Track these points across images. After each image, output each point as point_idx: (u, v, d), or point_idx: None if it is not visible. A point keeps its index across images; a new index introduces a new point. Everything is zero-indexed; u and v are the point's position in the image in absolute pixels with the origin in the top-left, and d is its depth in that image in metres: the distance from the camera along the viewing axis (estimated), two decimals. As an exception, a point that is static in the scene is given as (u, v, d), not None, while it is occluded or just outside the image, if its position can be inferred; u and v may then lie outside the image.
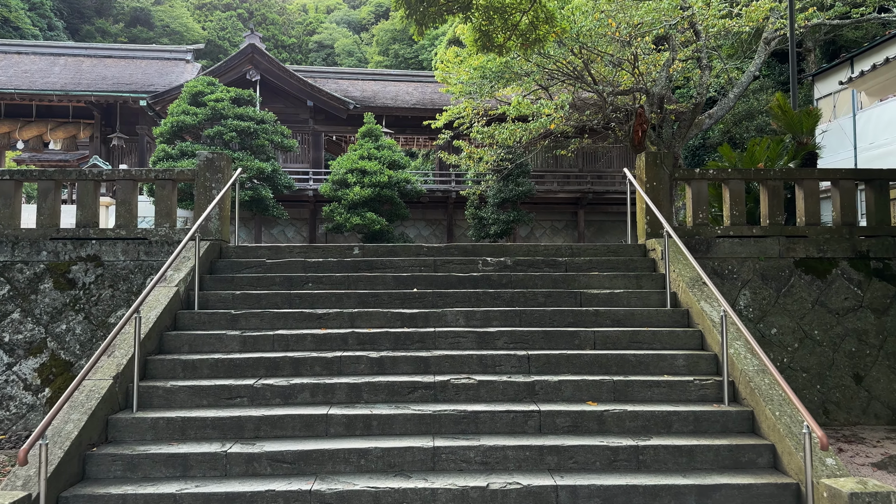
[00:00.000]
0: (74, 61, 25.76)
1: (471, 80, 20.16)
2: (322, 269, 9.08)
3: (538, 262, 9.16)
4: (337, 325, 8.00)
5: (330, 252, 9.52)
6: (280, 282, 8.75)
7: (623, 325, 8.05)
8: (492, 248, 9.57)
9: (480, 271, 9.04)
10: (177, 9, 51.99)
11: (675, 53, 20.13)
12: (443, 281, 8.75)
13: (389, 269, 9.09)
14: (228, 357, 7.30)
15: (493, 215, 21.43)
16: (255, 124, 20.82)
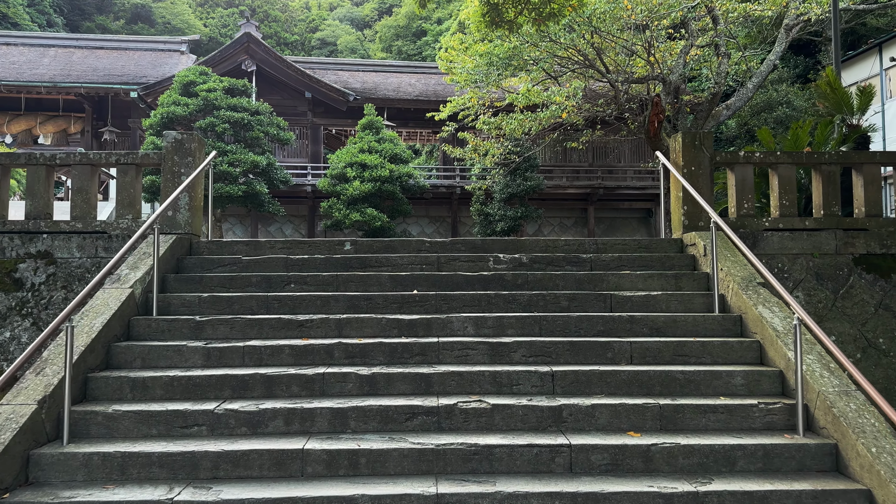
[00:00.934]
0: (65, 52, 24.39)
1: (476, 68, 18.73)
2: (307, 267, 7.66)
3: (558, 260, 7.73)
4: (321, 335, 6.58)
5: (317, 248, 8.10)
6: (257, 282, 7.34)
7: (664, 335, 6.62)
8: (504, 244, 8.14)
9: (492, 270, 7.62)
10: (178, 5, 50.62)
11: (693, 39, 18.68)
12: (448, 281, 7.33)
13: (386, 267, 7.67)
14: (188, 374, 5.88)
15: (499, 211, 20.02)
16: (250, 115, 19.42)
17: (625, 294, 7.08)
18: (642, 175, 23.40)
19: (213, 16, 52.65)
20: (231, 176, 18.68)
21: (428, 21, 48.64)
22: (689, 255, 7.92)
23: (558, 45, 17.59)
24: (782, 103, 21.82)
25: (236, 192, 18.58)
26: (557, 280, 7.35)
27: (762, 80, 20.59)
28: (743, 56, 20.71)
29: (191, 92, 19.52)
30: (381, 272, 7.47)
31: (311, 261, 7.68)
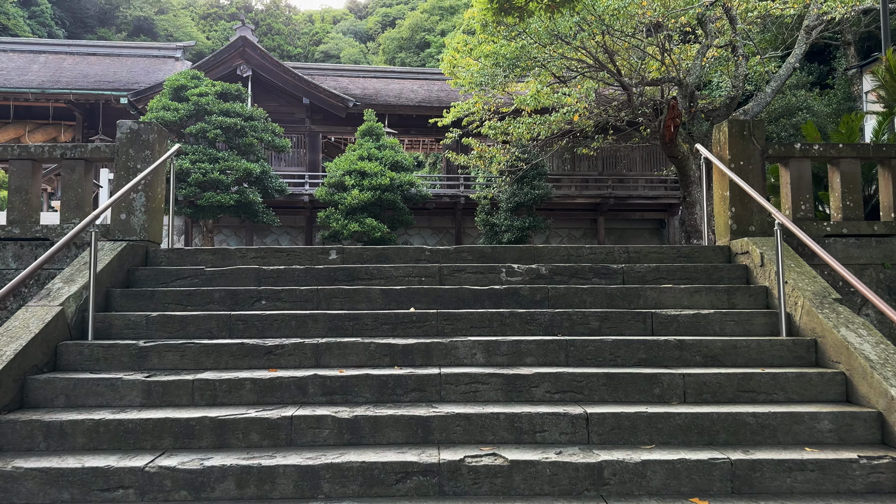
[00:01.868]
0: (55, 59, 23.17)
1: (482, 70, 17.42)
2: (283, 279, 6.28)
3: (584, 271, 6.34)
4: (294, 364, 5.20)
5: (297, 257, 6.72)
6: (220, 299, 5.96)
7: (722, 364, 5.23)
8: (518, 252, 6.75)
9: (504, 283, 6.24)
10: (181, 18, 49.60)
11: (710, 39, 17.35)
12: (452, 297, 5.95)
13: (377, 280, 6.29)
14: (120, 417, 4.49)
15: (506, 221, 18.65)
16: (243, 121, 18.12)
17: (668, 313, 5.68)
18: (654, 184, 22.04)
19: (217, 28, 51.60)
20: (223, 184, 17.36)
21: (431, 33, 47.53)
22: (740, 265, 6.51)
23: (568, 46, 16.28)
24: (802, 108, 20.46)
25: (228, 201, 17.25)
26: (584, 295, 5.95)
27: (781, 83, 19.24)
28: (761, 59, 19.38)
29: (181, 97, 18.24)
30: (371, 286, 6.09)
31: (287, 272, 6.30)
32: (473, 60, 17.90)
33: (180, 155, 17.41)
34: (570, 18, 15.39)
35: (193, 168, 17.19)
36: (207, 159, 17.45)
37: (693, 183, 18.15)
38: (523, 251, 6.73)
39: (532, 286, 5.99)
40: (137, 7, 48.17)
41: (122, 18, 47.29)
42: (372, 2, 64.71)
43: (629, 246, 6.85)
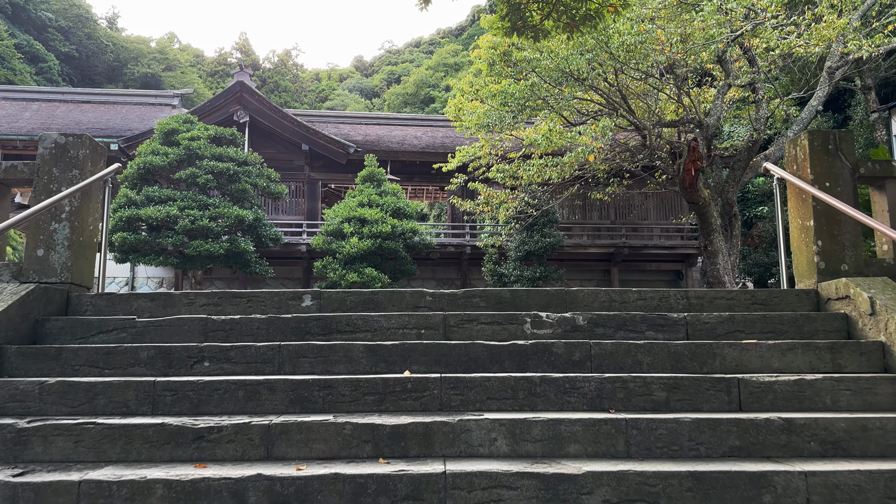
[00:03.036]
0: (48, 107, 22.01)
1: (488, 111, 16.10)
2: (237, 333, 4.67)
3: (634, 321, 4.72)
4: (234, 455, 3.56)
5: (260, 303, 5.11)
6: (150, 359, 4.35)
7: (851, 454, 3.56)
8: (545, 297, 5.14)
9: (530, 337, 4.62)
10: (188, 75, 49.08)
11: (731, 78, 16.05)
12: (461, 356, 4.32)
13: (363, 332, 4.67)
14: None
15: (515, 271, 17.06)
16: (237, 166, 16.74)
17: (759, 379, 4.03)
18: (670, 233, 20.50)
19: (223, 85, 51.00)
20: (213, 232, 15.87)
21: (436, 89, 46.85)
22: (837, 314, 4.87)
23: (580, 84, 14.97)
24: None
25: (218, 250, 15.73)
26: (640, 354, 4.32)
27: (803, 127, 17.87)
28: (781, 101, 18.04)
29: (172, 141, 16.91)
30: (353, 341, 4.48)
31: (244, 324, 4.69)
32: (480, 103, 16.61)
33: (167, 201, 16.00)
34: (581, 57, 14.12)
35: (182, 215, 15.74)
36: (197, 206, 16.01)
37: (714, 231, 16.60)
38: (551, 296, 5.12)
39: (568, 342, 4.35)
40: (145, 64, 47.71)
41: (130, 75, 46.75)
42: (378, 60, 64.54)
43: (688, 290, 5.23)
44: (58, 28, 43.94)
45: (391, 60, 61.01)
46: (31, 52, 40.88)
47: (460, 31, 59.63)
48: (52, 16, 43.73)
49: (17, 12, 41.63)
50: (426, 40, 62.61)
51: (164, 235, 15.75)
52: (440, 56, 50.36)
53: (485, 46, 15.91)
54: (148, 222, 15.84)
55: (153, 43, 53.14)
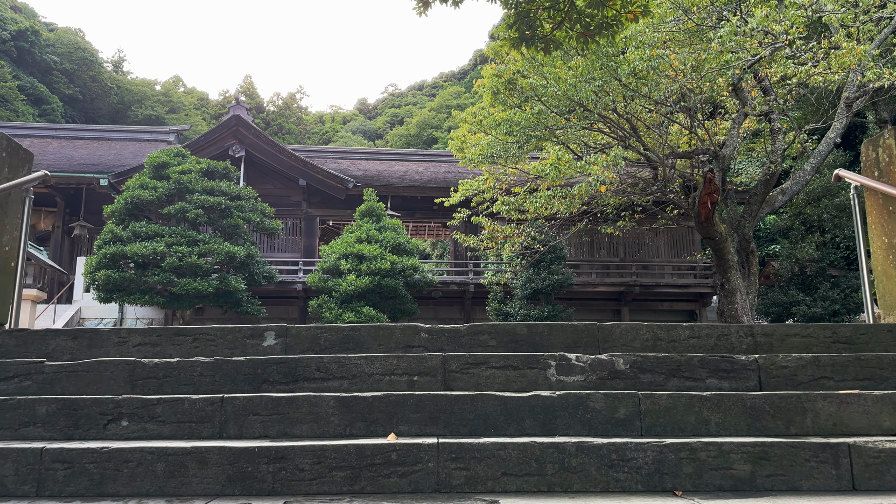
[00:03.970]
0: (40, 143, 21.17)
1: (493, 141, 15.15)
2: (173, 381, 3.54)
3: (690, 365, 3.59)
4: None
5: (210, 342, 3.98)
6: (49, 417, 3.21)
7: None
8: (572, 333, 4.00)
9: (557, 386, 3.49)
10: (192, 117, 48.60)
11: (748, 107, 15.12)
12: (465, 413, 3.18)
13: (337, 380, 3.54)
14: None
15: (521, 311, 15.92)
16: (229, 200, 15.75)
17: (874, 444, 2.89)
18: (682, 271, 19.37)
19: (227, 127, 50.66)
20: (202, 270, 14.80)
21: (438, 129, 46.30)
22: (951, 354, 3.75)
23: (588, 112, 14.03)
24: (844, 188, 18.01)
25: (206, 288, 14.63)
26: (705, 410, 3.18)
27: (821, 160, 16.88)
28: (797, 134, 17.06)
29: (162, 175, 15.95)
30: (323, 391, 3.35)
31: (183, 369, 3.57)
32: (483, 134, 15.68)
33: (154, 237, 14.96)
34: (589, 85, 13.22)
35: (169, 251, 14.69)
36: (186, 242, 14.97)
37: (731, 268, 15.47)
38: (580, 332, 3.99)
39: (608, 393, 3.21)
40: (149, 107, 47.29)
41: (134, 118, 46.25)
42: (381, 103, 64.29)
43: (753, 326, 4.10)
44: (62, 70, 43.59)
45: (394, 103, 60.70)
46: (35, 94, 40.43)
47: (462, 74, 59.45)
48: (57, 58, 43.43)
49: (22, 55, 41.31)
50: (429, 83, 62.43)
51: (150, 273, 14.67)
52: (443, 98, 49.94)
53: (488, 75, 15.04)
54: (134, 259, 14.78)
55: (158, 86, 52.87)
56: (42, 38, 43.17)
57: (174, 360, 3.58)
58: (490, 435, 3.04)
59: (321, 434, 3.10)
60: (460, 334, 3.96)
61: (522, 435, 3.06)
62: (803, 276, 17.74)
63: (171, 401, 3.19)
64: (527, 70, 14.37)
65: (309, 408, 3.16)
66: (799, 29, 12.21)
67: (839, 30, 14.52)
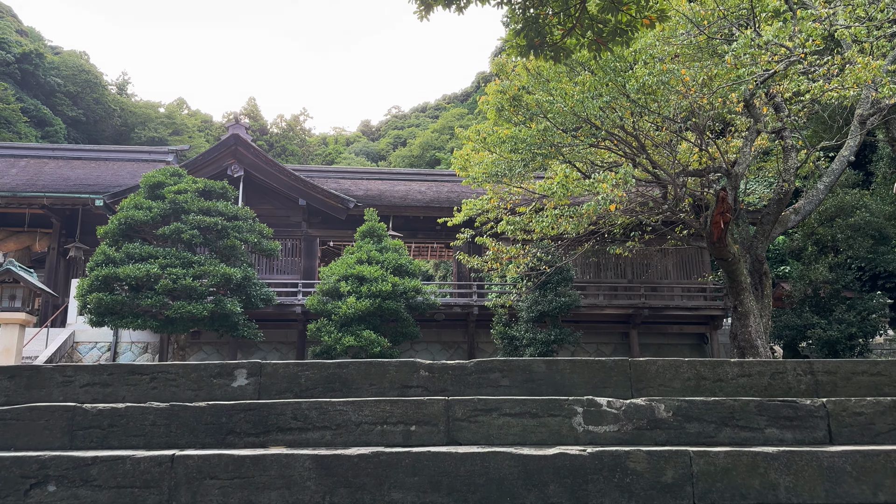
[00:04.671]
0: (36, 163, 20.68)
1: (497, 159, 14.59)
2: (119, 431, 2.91)
3: (746, 412, 2.95)
4: None
5: (171, 382, 3.32)
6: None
7: None
8: (600, 371, 3.35)
9: (585, 439, 2.85)
10: (196, 139, 48.25)
11: (761, 123, 14.55)
12: (473, 476, 2.54)
13: (317, 430, 2.91)
14: None
15: (527, 334, 15.25)
16: (226, 220, 15.17)
17: None
18: (693, 293, 18.70)
19: (230, 148, 50.36)
20: (196, 292, 14.17)
21: (441, 150, 45.91)
22: None
23: (596, 129, 13.47)
24: (858, 207, 17.39)
25: (201, 311, 14.00)
26: (772, 471, 2.53)
27: (835, 179, 16.27)
28: (810, 152, 16.47)
29: (157, 195, 15.39)
30: (299, 447, 2.71)
31: (132, 417, 2.93)
32: (487, 152, 15.11)
33: (148, 259, 14.37)
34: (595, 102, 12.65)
35: (163, 273, 14.08)
36: (180, 263, 14.35)
37: (744, 290, 14.80)
38: (608, 370, 3.35)
39: (651, 451, 2.57)
40: (153, 129, 46.98)
41: (137, 139, 45.88)
42: (384, 125, 64.01)
43: (812, 361, 3.45)
44: (66, 93, 43.33)
45: (397, 125, 60.40)
46: (39, 117, 40.12)
47: (465, 96, 59.22)
48: (61, 81, 43.20)
49: (26, 77, 41.08)
50: (432, 105, 62.18)
51: (143, 296, 14.04)
52: (445, 119, 49.61)
53: (492, 91, 14.51)
54: (127, 282, 14.16)
55: (162, 108, 52.62)
56: (46, 61, 42.97)
57: (122, 405, 2.95)
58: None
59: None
60: (466, 372, 3.33)
61: (546, 506, 2.41)
62: (817, 299, 17.06)
63: (110, 460, 2.55)
64: (532, 86, 13.84)
65: (279, 469, 2.52)
66: (816, 42, 11.64)
67: (852, 45, 13.98)
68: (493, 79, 15.88)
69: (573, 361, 3.32)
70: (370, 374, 3.30)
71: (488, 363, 3.35)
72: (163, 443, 2.87)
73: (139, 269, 13.90)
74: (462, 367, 3.33)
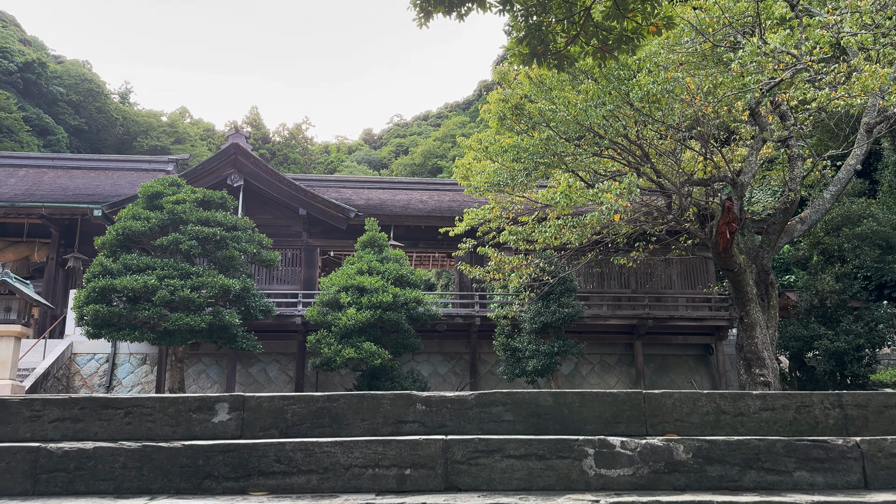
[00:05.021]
0: (36, 172, 20.48)
1: (499, 169, 14.35)
2: (88, 475, 2.66)
3: (773, 453, 2.69)
4: None
5: (146, 418, 3.08)
6: None
7: None
8: (611, 405, 3.09)
9: (597, 484, 2.59)
10: (198, 148, 48.08)
11: (768, 133, 14.30)
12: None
13: (302, 474, 2.65)
14: None
15: (530, 345, 14.96)
16: (225, 231, 14.93)
17: None
18: (697, 303, 18.41)
19: (232, 157, 50.19)
20: (194, 304, 13.92)
21: (443, 159, 45.72)
22: None
23: (600, 138, 13.23)
24: (865, 216, 17.08)
25: (199, 323, 13.74)
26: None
27: (841, 187, 15.99)
28: (816, 161, 16.20)
29: (156, 205, 15.17)
30: (282, 494, 2.47)
31: (102, 458, 2.68)
32: (489, 161, 14.87)
33: (146, 270, 14.13)
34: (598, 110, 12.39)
35: (161, 285, 13.84)
36: (178, 275, 14.11)
37: (751, 301, 14.52)
38: (620, 403, 3.08)
39: (671, 502, 2.32)
40: (155, 137, 46.83)
41: (139, 148, 45.71)
42: (386, 133, 63.85)
43: (841, 394, 3.18)
44: (68, 102, 43.22)
45: (399, 133, 60.23)
46: (41, 125, 40.00)
47: (467, 104, 59.07)
48: (63, 90, 43.10)
49: (28, 86, 40.99)
50: (434, 114, 62.01)
51: (141, 308, 13.80)
52: (447, 128, 49.42)
53: (494, 100, 14.28)
54: (124, 293, 13.93)
55: (164, 117, 52.50)
56: (49, 70, 42.90)
57: (91, 446, 2.69)
58: (510, 567, 2.14)
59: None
60: (467, 406, 3.06)
61: (555, 568, 2.15)
62: (823, 309, 16.77)
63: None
64: (534, 95, 13.61)
65: (258, 523, 2.26)
66: (824, 49, 11.39)
67: (858, 53, 13.73)
68: (494, 87, 15.66)
69: (582, 394, 3.05)
70: (362, 408, 3.04)
71: (490, 396, 3.09)
72: (134, 487, 2.61)
73: (136, 281, 13.66)
74: (462, 400, 3.07)
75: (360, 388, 14.95)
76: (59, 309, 18.93)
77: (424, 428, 3.01)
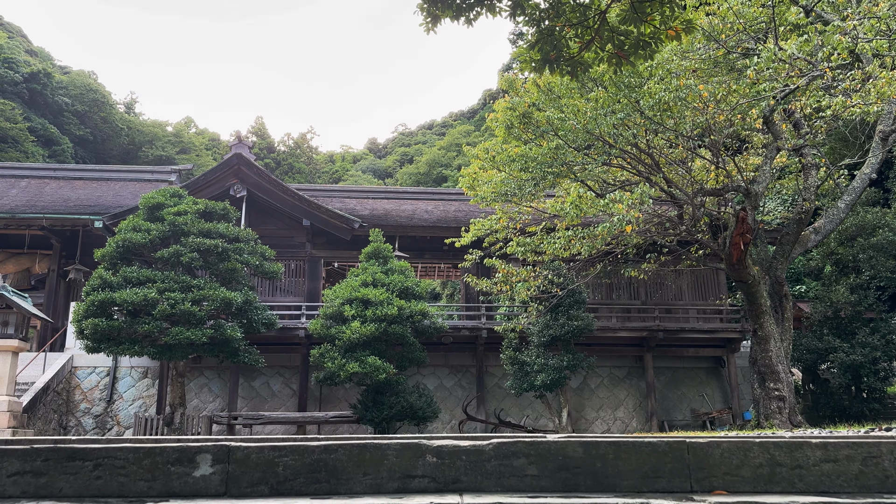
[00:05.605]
0: (37, 183, 20.18)
1: (506, 178, 13.97)
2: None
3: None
4: None
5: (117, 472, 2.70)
6: None
7: None
8: (652, 456, 2.69)
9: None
10: (203, 157, 47.85)
11: (783, 142, 13.91)
12: None
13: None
14: None
15: (538, 359, 14.55)
16: (227, 243, 14.57)
17: None
18: (708, 315, 17.96)
19: (237, 166, 49.94)
20: (195, 317, 13.54)
21: (448, 168, 45.38)
22: None
23: (610, 147, 12.85)
24: (881, 227, 16.62)
25: (200, 338, 13.36)
26: None
27: (856, 196, 15.61)
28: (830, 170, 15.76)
29: (157, 216, 14.83)
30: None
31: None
32: (496, 171, 14.50)
33: (146, 282, 13.78)
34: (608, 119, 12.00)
35: (161, 298, 13.48)
36: (179, 287, 13.75)
37: (764, 313, 14.10)
38: (661, 455, 2.67)
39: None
40: (160, 147, 46.61)
41: (144, 158, 45.48)
42: (391, 142, 63.61)
43: None
44: (74, 112, 43.04)
45: (404, 142, 59.96)
46: (46, 136, 39.79)
47: (472, 113, 58.74)
48: (68, 100, 42.93)
49: (33, 97, 40.82)
50: (438, 122, 61.73)
51: (141, 322, 13.44)
52: (452, 136, 49.11)
53: (501, 108, 13.92)
54: (124, 306, 13.56)
55: (170, 127, 52.30)
56: (54, 81, 42.74)
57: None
58: None
59: None
60: (484, 457, 2.66)
61: None
62: (838, 320, 16.32)
63: None
64: (543, 103, 13.25)
65: None
66: (842, 55, 10.99)
67: (872, 60, 13.32)
68: (500, 96, 15.34)
69: (617, 444, 2.65)
70: (364, 460, 2.64)
71: (511, 446, 2.68)
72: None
73: (136, 294, 13.30)
74: (479, 451, 2.67)
75: (364, 402, 14.54)
76: (61, 321, 18.59)
77: (436, 484, 2.61)
